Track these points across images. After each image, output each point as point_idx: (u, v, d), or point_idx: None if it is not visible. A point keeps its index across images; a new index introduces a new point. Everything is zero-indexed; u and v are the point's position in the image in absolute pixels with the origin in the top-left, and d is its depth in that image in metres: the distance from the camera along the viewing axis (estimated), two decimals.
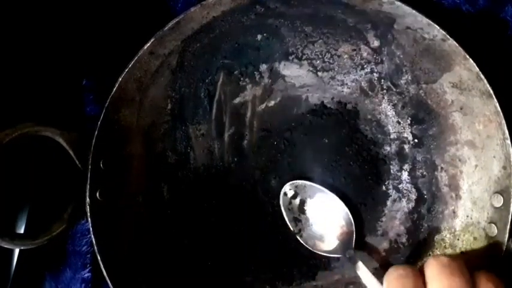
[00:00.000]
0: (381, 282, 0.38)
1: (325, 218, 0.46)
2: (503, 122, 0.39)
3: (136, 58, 0.40)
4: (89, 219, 0.41)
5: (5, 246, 0.38)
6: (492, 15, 0.43)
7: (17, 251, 0.46)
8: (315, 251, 0.46)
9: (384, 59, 0.45)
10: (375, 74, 0.46)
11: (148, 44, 0.40)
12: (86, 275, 0.45)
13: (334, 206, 0.46)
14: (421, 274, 0.35)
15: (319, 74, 0.47)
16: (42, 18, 0.47)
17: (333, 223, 0.46)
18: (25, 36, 0.46)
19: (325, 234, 0.46)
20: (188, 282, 0.45)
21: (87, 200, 0.41)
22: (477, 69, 0.39)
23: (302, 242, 0.46)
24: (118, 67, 0.41)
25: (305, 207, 0.47)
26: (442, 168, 0.45)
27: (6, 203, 0.46)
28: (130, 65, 0.40)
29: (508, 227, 0.38)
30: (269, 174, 0.48)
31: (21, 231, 0.46)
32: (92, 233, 0.41)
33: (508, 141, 0.38)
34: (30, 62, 0.47)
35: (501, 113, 0.39)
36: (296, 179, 0.47)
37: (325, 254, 0.46)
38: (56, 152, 0.41)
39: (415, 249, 0.46)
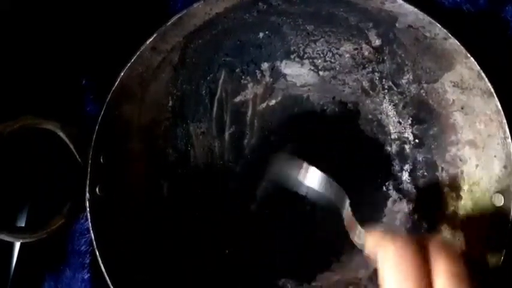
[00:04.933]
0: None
1: None
2: (504, 121, 0.39)
3: (138, 53, 0.40)
4: (89, 214, 0.40)
5: (4, 239, 0.38)
6: (492, 15, 0.43)
7: (16, 251, 0.46)
8: None
9: (386, 58, 0.45)
10: (376, 73, 0.46)
11: (151, 39, 0.40)
12: (85, 274, 0.45)
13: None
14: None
15: (321, 73, 0.47)
16: (43, 15, 0.47)
17: None
18: (27, 32, 0.47)
19: None
20: (188, 280, 0.45)
21: (87, 195, 0.40)
22: (478, 68, 0.39)
23: None
24: (117, 67, 0.41)
25: None
26: (442, 168, 0.45)
27: (6, 197, 0.46)
28: (132, 60, 0.40)
29: (509, 226, 0.38)
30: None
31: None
32: (91, 229, 0.40)
33: (509, 140, 0.39)
34: (31, 58, 0.47)
35: (502, 112, 0.39)
36: None
37: None
38: (56, 146, 0.41)
39: None
